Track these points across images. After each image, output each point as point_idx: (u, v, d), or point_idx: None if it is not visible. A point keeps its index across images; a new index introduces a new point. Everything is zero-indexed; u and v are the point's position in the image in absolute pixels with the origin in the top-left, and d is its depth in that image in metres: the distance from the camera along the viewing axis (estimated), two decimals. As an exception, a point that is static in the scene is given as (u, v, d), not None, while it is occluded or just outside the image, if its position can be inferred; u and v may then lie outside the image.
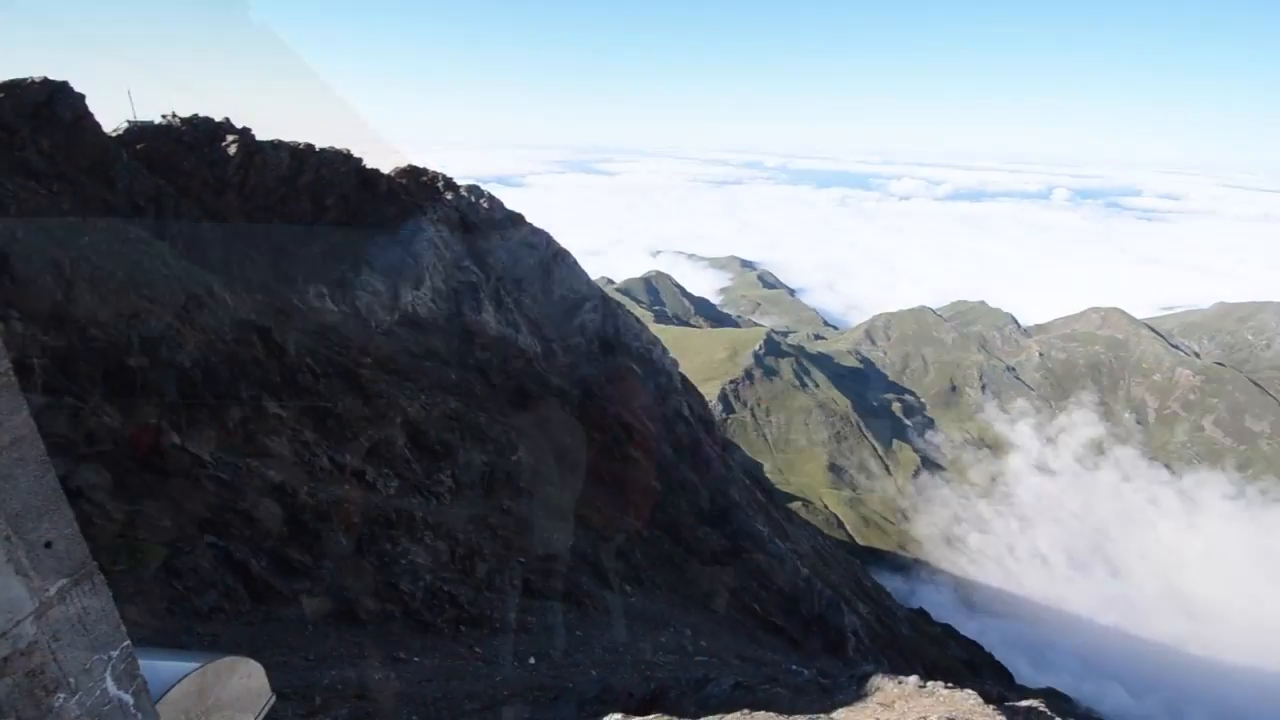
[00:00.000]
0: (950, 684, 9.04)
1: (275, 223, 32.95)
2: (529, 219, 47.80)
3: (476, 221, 43.62)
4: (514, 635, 15.49)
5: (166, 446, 12.75)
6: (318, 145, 37.26)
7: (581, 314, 46.04)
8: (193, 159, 31.20)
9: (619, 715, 6.64)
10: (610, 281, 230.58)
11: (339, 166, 37.13)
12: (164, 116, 32.93)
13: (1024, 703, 8.52)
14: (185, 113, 33.30)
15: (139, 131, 31.52)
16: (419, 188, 42.46)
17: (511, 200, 50.06)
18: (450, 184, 44.70)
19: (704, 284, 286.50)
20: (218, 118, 34.30)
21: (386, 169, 41.70)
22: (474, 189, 45.94)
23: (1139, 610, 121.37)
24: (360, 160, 39.15)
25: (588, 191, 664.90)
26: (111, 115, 31.09)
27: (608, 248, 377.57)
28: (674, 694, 10.55)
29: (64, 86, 25.70)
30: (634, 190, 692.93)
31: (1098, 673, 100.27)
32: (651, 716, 6.34)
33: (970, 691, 8.51)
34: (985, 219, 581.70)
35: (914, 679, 9.56)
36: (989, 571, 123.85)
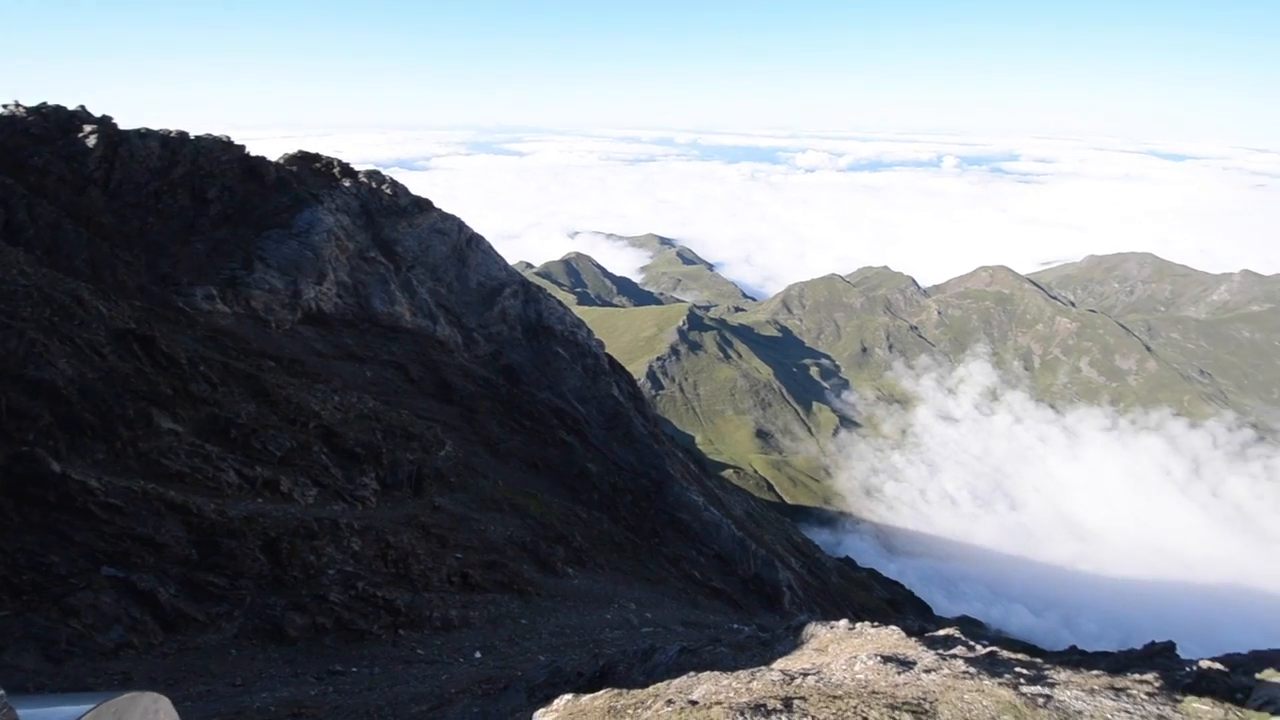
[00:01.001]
0: (876, 623, 9.72)
1: (150, 220, 29.97)
2: (437, 204, 45.83)
3: (380, 209, 41.41)
4: (457, 632, 15.22)
5: (47, 475, 11.47)
6: (192, 133, 34.08)
7: (501, 300, 44.93)
8: (45, 153, 27.72)
9: (569, 695, 6.69)
10: (529, 265, 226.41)
11: (219, 155, 34.12)
12: (4, 106, 29.03)
13: (941, 632, 9.28)
14: (31, 100, 29.50)
15: (-28, 123, 27.68)
16: (312, 175, 39.76)
17: (416, 185, 47.82)
18: (347, 170, 42.08)
19: (624, 263, 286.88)
20: (71, 105, 30.63)
21: (274, 156, 38.76)
22: (374, 174, 43.45)
23: (1035, 537, 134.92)
24: (243, 148, 36.14)
25: (498, 173, 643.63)
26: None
27: (524, 231, 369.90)
28: (622, 667, 10.74)
29: None
30: (546, 170, 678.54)
31: (1004, 597, 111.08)
32: (601, 692, 6.43)
33: (894, 628, 9.18)
34: (884, 187, 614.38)
35: (844, 622, 10.20)
36: (905, 516, 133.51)
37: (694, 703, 5.51)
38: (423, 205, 44.09)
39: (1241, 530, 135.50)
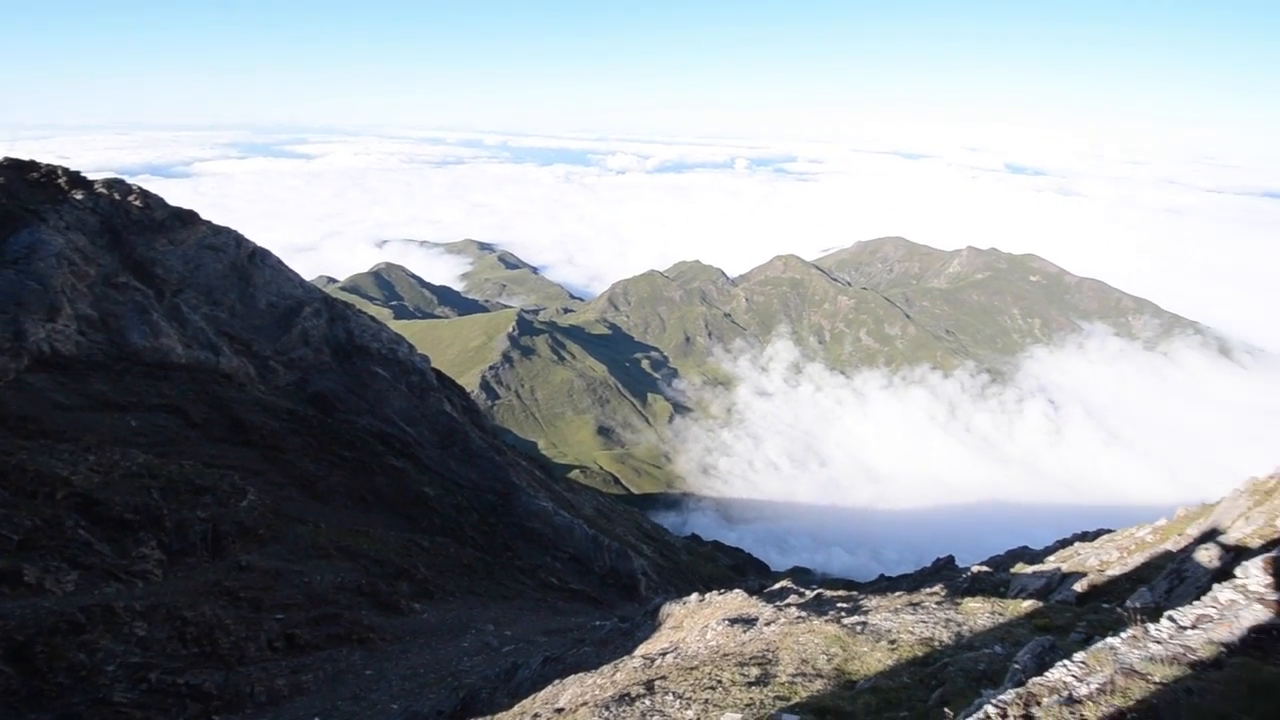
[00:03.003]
0: (722, 590, 10.44)
1: None
2: (206, 215, 39.51)
3: (129, 225, 34.69)
4: (289, 703, 13.41)
5: None
6: None
7: (300, 321, 40.17)
8: None
9: (428, 738, 6.24)
10: (332, 280, 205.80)
11: (-126, 166, 26.14)
12: None
13: (777, 585, 10.23)
14: None
15: None
16: (29, 188, 32.11)
17: (177, 194, 40.80)
18: (79, 180, 34.57)
19: (442, 271, 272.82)
20: None
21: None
22: (117, 184, 36.19)
23: (843, 487, 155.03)
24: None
25: (281, 178, 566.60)
26: None
27: (320, 241, 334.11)
28: (485, 694, 10.29)
29: None
30: (341, 174, 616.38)
31: (825, 543, 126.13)
32: (463, 725, 6.09)
33: (738, 591, 9.93)
34: (688, 187, 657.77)
35: (695, 596, 10.80)
36: (738, 487, 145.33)
37: (560, 710, 5.44)
38: (186, 218, 37.85)
39: (989, 456, 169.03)
